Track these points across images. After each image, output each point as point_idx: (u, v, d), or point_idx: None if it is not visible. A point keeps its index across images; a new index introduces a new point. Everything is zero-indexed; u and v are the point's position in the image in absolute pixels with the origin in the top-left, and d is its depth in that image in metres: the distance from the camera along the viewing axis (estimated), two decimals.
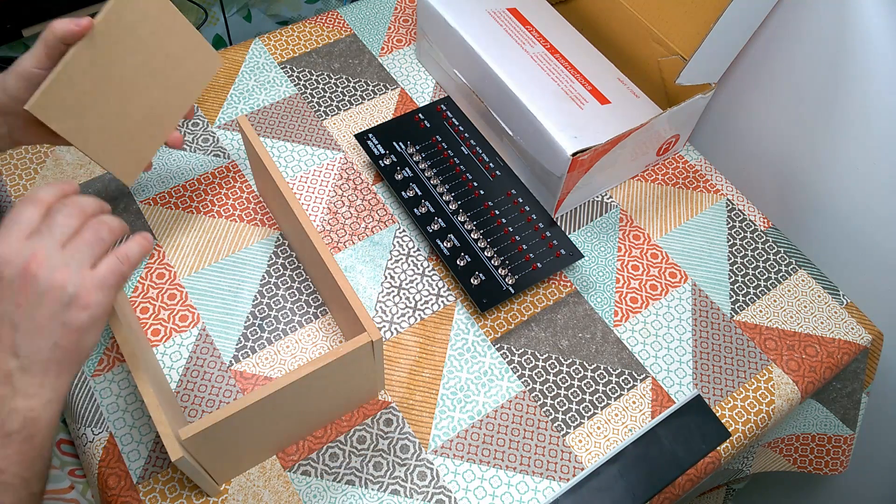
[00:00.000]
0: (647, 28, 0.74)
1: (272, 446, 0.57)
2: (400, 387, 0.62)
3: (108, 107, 0.58)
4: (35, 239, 0.42)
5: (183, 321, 0.64)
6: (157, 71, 0.61)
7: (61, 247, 0.43)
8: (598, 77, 0.74)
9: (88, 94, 0.56)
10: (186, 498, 0.56)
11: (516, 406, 0.62)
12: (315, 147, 0.77)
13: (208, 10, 1.33)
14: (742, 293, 0.70)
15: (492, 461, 0.59)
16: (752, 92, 0.78)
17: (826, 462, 0.76)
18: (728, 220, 0.75)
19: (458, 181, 0.71)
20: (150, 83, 0.61)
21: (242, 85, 0.80)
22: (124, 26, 0.57)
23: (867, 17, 0.64)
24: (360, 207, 0.73)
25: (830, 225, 0.75)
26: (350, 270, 0.68)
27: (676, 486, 0.61)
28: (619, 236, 0.73)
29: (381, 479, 0.58)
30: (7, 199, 0.70)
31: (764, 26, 0.72)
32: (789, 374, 0.66)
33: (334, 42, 0.85)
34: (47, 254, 0.42)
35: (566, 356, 0.65)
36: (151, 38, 0.60)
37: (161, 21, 0.60)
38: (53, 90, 0.54)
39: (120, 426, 0.58)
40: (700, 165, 0.79)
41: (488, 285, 0.65)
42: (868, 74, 0.66)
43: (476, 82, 0.75)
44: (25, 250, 0.41)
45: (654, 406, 0.63)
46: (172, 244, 0.68)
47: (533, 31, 0.77)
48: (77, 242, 0.43)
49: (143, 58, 0.60)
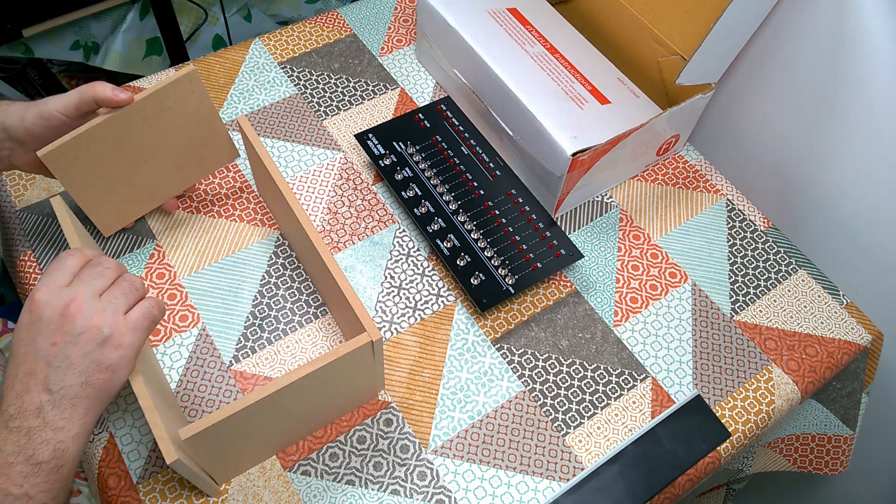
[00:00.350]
0: (647, 28, 0.74)
1: (272, 446, 0.57)
2: (400, 387, 0.62)
3: (115, 170, 0.61)
4: (75, 285, 0.46)
5: (183, 321, 0.64)
6: (174, 150, 0.63)
7: (98, 294, 0.46)
8: (598, 77, 0.74)
9: (101, 157, 0.59)
10: (186, 498, 0.56)
11: (516, 406, 0.62)
12: (315, 147, 0.77)
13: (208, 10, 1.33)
14: (742, 293, 0.70)
15: (492, 461, 0.59)
16: (752, 92, 0.78)
17: (826, 462, 0.76)
18: (728, 220, 0.75)
19: (458, 181, 0.71)
20: (163, 159, 0.63)
21: (242, 85, 0.80)
22: (160, 108, 0.59)
23: (867, 17, 0.64)
24: (360, 207, 0.73)
25: (830, 225, 0.75)
26: (350, 270, 0.68)
27: (676, 486, 0.61)
28: (619, 236, 0.73)
29: (381, 479, 0.58)
30: (7, 199, 0.70)
31: (764, 26, 0.72)
32: (789, 374, 0.66)
33: (334, 42, 0.85)
34: (86, 298, 0.45)
35: (566, 356, 0.65)
36: (179, 122, 0.62)
37: (195, 110, 0.62)
38: (70, 146, 0.56)
39: (120, 426, 0.58)
40: (700, 165, 0.79)
41: (488, 285, 0.65)
42: (868, 74, 0.66)
43: (476, 82, 0.75)
44: (66, 294, 0.45)
45: (654, 406, 0.63)
46: (172, 244, 0.68)
47: (533, 31, 0.77)
48: (113, 291, 0.47)
49: (166, 138, 0.62)
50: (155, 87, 0.58)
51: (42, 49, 1.12)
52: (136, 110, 0.58)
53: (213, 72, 0.81)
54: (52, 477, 0.43)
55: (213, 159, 0.68)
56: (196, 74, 0.59)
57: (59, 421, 0.43)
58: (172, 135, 0.62)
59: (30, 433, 0.43)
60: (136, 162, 0.61)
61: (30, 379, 0.44)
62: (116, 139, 0.58)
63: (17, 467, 0.42)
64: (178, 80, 0.59)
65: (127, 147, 0.59)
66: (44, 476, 0.43)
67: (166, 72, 0.81)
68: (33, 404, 0.43)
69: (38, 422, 0.43)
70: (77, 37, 1.14)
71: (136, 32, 1.21)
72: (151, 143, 0.61)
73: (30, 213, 0.69)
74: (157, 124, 0.60)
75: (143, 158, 0.62)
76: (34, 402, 0.43)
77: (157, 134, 0.61)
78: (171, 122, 0.61)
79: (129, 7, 1.17)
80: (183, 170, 0.66)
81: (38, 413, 0.43)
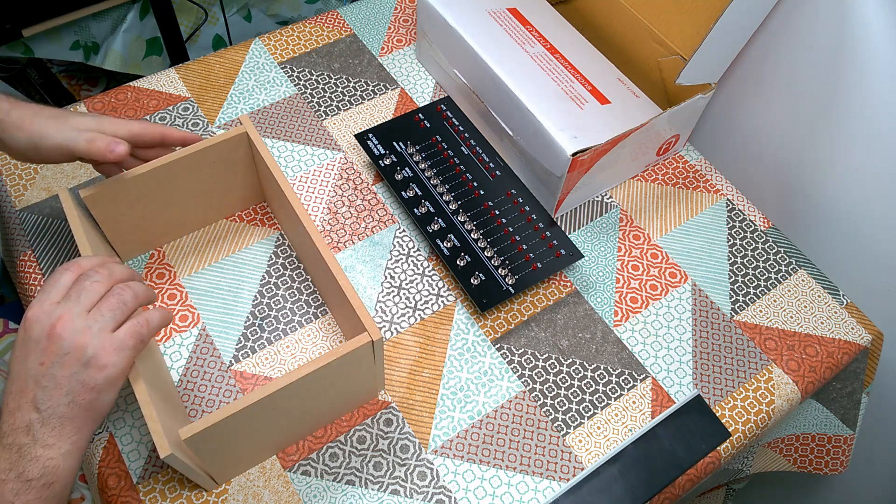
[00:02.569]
0: (647, 28, 0.74)
1: (272, 446, 0.57)
2: (400, 387, 0.62)
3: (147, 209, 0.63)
4: (64, 303, 0.46)
5: (183, 321, 0.64)
6: (208, 195, 0.66)
7: (86, 311, 0.46)
8: (598, 77, 0.74)
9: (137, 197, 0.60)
10: (186, 498, 0.56)
11: (516, 406, 0.62)
12: (315, 147, 0.77)
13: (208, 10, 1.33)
14: (742, 293, 0.70)
15: (492, 461, 0.59)
16: (752, 92, 0.78)
17: (826, 462, 0.76)
18: (728, 220, 0.75)
19: (458, 181, 0.71)
20: (196, 201, 0.65)
21: (242, 85, 0.80)
22: (204, 162, 0.61)
23: (867, 17, 0.64)
24: (360, 207, 0.73)
25: (830, 225, 0.75)
26: (350, 270, 0.68)
27: (676, 486, 0.61)
28: (619, 236, 0.73)
29: (381, 479, 0.58)
30: (7, 199, 0.70)
31: (764, 26, 0.72)
32: (789, 374, 0.66)
33: (334, 42, 0.85)
34: (72, 317, 0.45)
35: (566, 356, 0.65)
36: (220, 172, 0.64)
37: (234, 162, 0.64)
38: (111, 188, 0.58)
39: (120, 426, 0.58)
40: (700, 165, 0.79)
41: (488, 285, 0.65)
42: (868, 74, 0.66)
43: (476, 82, 0.75)
44: (54, 313, 0.45)
45: (654, 406, 0.63)
46: (172, 244, 0.68)
47: (533, 31, 0.77)
48: (101, 307, 0.46)
49: (204, 184, 0.64)
50: (204, 142, 0.60)
51: (42, 49, 1.12)
52: (181, 162, 0.59)
53: (213, 72, 0.81)
54: (44, 494, 0.44)
55: (242, 202, 0.70)
56: (245, 136, 0.61)
57: (48, 439, 0.44)
58: (210, 182, 0.64)
59: (21, 450, 0.43)
60: (170, 203, 0.63)
61: (21, 397, 0.44)
62: (156, 185, 0.60)
63: (9, 484, 0.43)
64: (229, 139, 0.60)
65: (164, 191, 0.61)
66: (35, 493, 0.43)
67: (167, 72, 0.81)
68: (23, 422, 0.44)
69: (28, 439, 0.43)
70: (77, 37, 1.14)
71: (136, 32, 1.21)
72: (188, 189, 0.63)
73: (30, 213, 0.69)
74: (198, 174, 0.62)
75: (177, 200, 0.64)
76: (24, 420, 0.44)
77: (195, 181, 0.63)
78: (213, 172, 0.63)
79: (129, 7, 1.17)
80: (211, 209, 0.68)
81: (28, 430, 0.43)
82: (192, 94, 0.79)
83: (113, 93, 0.78)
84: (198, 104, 0.78)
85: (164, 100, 0.78)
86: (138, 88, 0.79)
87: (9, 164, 0.72)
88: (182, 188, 0.62)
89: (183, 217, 0.66)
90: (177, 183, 0.61)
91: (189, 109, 0.78)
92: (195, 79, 0.80)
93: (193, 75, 0.81)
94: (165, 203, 0.63)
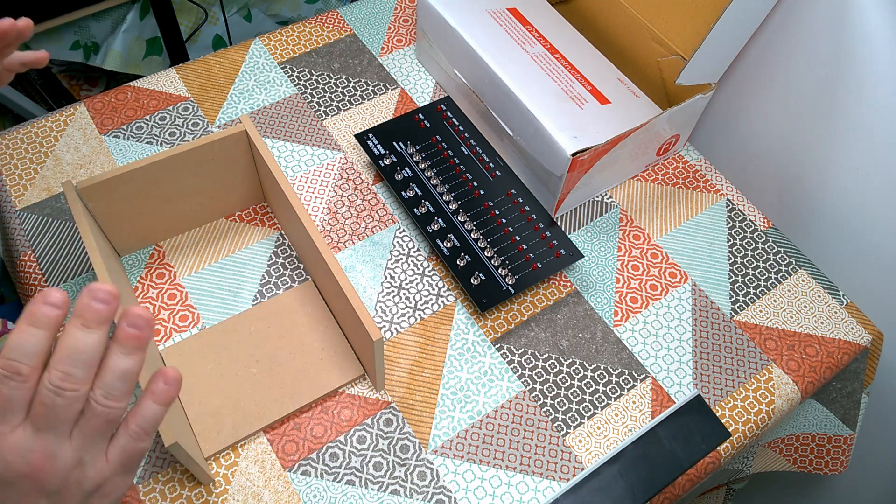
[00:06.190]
0: (647, 28, 0.74)
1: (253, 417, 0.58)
2: (400, 387, 0.62)
3: (145, 205, 0.63)
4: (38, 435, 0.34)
5: (183, 321, 0.64)
6: (207, 193, 0.66)
7: (67, 437, 0.34)
8: (598, 77, 0.74)
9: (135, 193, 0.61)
10: (186, 498, 0.56)
11: (516, 406, 0.62)
12: (315, 147, 0.77)
13: (208, 10, 1.33)
14: (742, 293, 0.70)
15: (492, 461, 0.59)
16: (752, 92, 0.78)
17: (826, 462, 0.76)
18: (728, 220, 0.75)
19: (458, 181, 0.71)
20: (195, 198, 0.65)
21: (242, 85, 0.80)
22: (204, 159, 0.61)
23: (867, 17, 0.64)
24: (360, 207, 0.73)
25: (830, 225, 0.75)
26: (350, 270, 0.68)
27: (676, 486, 0.61)
28: (619, 236, 0.73)
29: (381, 479, 0.58)
30: (7, 199, 0.70)
31: (764, 26, 0.72)
32: (789, 374, 0.66)
33: (334, 42, 0.85)
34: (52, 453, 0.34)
35: (566, 356, 0.65)
36: (219, 169, 0.64)
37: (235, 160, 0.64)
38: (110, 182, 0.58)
39: None
40: (700, 165, 0.79)
41: (488, 285, 0.65)
42: (868, 74, 0.66)
43: (476, 82, 0.75)
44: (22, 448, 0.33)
45: (654, 406, 0.63)
46: (172, 244, 0.68)
47: (533, 31, 0.77)
48: (85, 430, 0.35)
49: (203, 182, 0.64)
50: (204, 139, 0.60)
51: (42, 49, 1.12)
52: (180, 158, 0.60)
53: (213, 72, 0.81)
54: None
55: (242, 201, 0.70)
56: (244, 134, 0.61)
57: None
58: (209, 180, 0.64)
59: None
60: (168, 199, 0.63)
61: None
62: (155, 180, 0.60)
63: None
64: (229, 136, 0.60)
65: (162, 186, 0.62)
66: None
67: (167, 72, 0.81)
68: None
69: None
70: (77, 37, 1.14)
71: (136, 32, 1.21)
72: (187, 185, 0.63)
73: (30, 213, 0.69)
74: (198, 171, 0.62)
75: (176, 197, 0.64)
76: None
77: (195, 178, 0.63)
78: (212, 169, 0.63)
79: (129, 7, 1.17)
80: (210, 207, 0.68)
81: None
82: (192, 94, 0.79)
83: (113, 93, 0.78)
84: (198, 104, 0.78)
85: (164, 100, 0.78)
86: (138, 88, 0.79)
87: (8, 163, 0.72)
88: (181, 185, 0.62)
89: (182, 214, 0.66)
90: (175, 179, 0.62)
91: (189, 109, 0.78)
92: (195, 79, 0.80)
93: (193, 75, 0.81)
94: (164, 199, 0.63)
